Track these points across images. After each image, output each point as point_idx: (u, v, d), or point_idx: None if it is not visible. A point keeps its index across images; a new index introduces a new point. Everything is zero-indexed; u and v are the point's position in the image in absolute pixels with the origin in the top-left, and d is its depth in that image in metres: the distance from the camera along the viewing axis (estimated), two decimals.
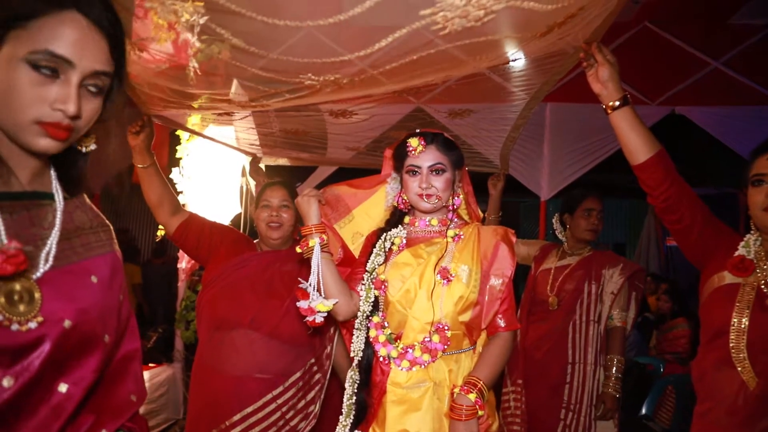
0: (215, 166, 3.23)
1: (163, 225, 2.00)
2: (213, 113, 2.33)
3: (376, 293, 1.51)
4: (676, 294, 4.55)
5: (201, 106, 2.02)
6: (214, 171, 3.23)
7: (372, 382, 1.50)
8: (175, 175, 3.11)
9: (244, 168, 3.24)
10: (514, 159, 3.28)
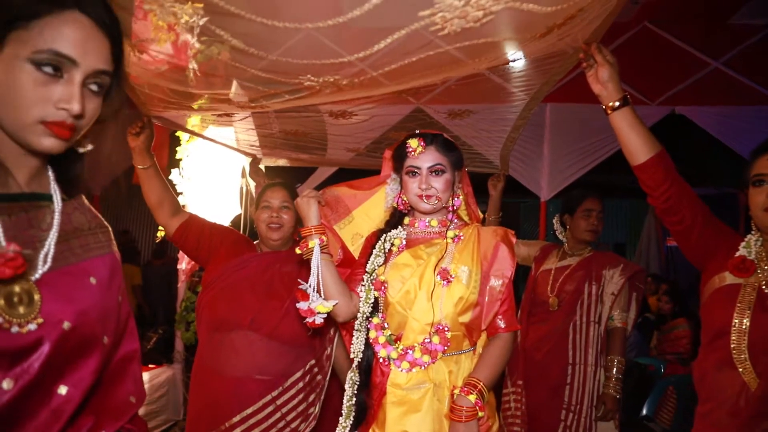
0: (215, 167, 3.23)
1: (163, 226, 2.00)
2: (213, 114, 2.33)
3: (376, 294, 1.51)
4: (676, 294, 4.54)
5: (201, 107, 2.02)
6: (214, 172, 3.23)
7: (372, 384, 1.50)
8: (175, 176, 3.11)
9: (244, 169, 3.24)
10: (514, 159, 3.28)
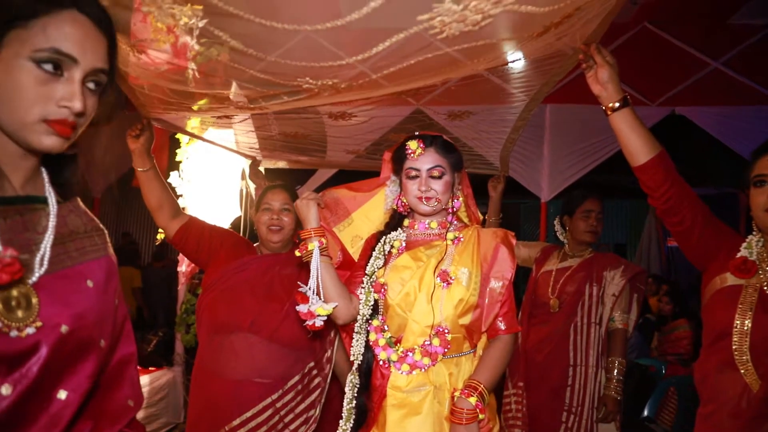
0: (215, 170, 3.23)
1: (162, 228, 1.99)
2: (212, 116, 2.32)
3: (376, 296, 1.51)
4: (676, 295, 4.54)
5: (200, 108, 2.02)
6: (214, 174, 3.23)
7: (372, 386, 1.49)
8: (174, 179, 3.10)
9: (244, 171, 3.24)
10: (515, 160, 3.28)
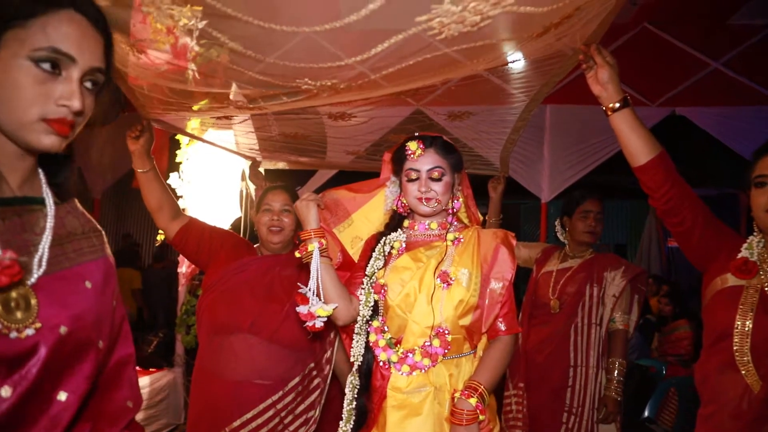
0: (215, 171, 3.22)
1: (162, 230, 1.99)
2: (212, 117, 2.32)
3: (376, 297, 1.50)
4: (676, 296, 4.54)
5: (201, 109, 2.02)
6: (214, 175, 3.23)
7: (372, 387, 1.49)
8: (174, 180, 3.10)
9: (244, 172, 3.23)
10: (515, 161, 3.28)
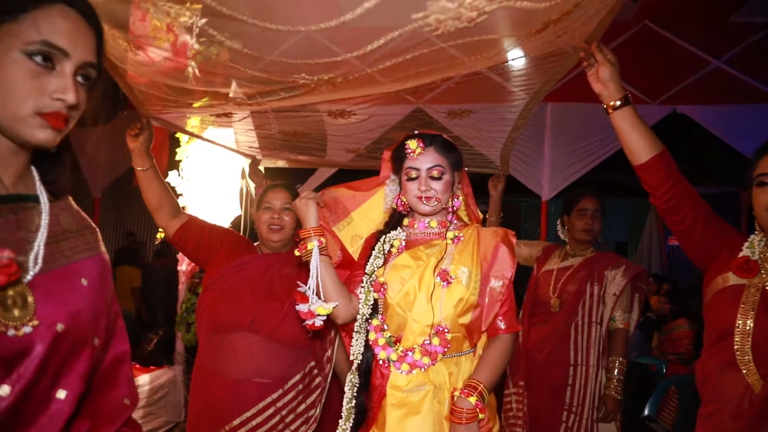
0: (215, 169, 3.22)
1: (162, 228, 1.99)
2: (212, 114, 2.32)
3: (376, 296, 1.50)
4: (675, 295, 4.54)
5: (201, 106, 2.01)
6: (214, 173, 3.22)
7: (372, 386, 1.49)
8: (173, 178, 3.09)
9: (244, 170, 3.23)
10: (515, 159, 3.27)
